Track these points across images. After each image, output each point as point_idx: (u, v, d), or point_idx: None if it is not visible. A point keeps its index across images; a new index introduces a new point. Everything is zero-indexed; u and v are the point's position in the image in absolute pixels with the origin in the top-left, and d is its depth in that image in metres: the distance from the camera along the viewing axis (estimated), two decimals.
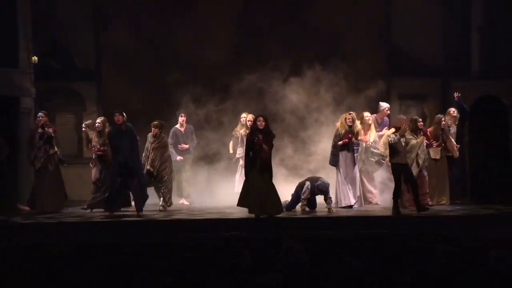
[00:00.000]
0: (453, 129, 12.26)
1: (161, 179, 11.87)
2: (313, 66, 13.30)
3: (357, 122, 11.87)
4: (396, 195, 10.89)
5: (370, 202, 12.28)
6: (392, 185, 11.31)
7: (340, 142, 11.75)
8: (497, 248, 5.94)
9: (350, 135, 11.70)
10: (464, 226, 10.18)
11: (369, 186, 12.37)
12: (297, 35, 14.26)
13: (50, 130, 11.73)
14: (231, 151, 13.00)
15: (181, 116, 13.00)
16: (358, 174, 11.96)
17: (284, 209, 11.29)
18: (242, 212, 11.01)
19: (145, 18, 14.34)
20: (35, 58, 13.44)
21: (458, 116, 12.34)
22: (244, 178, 10.90)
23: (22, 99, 13.32)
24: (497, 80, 13.65)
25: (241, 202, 10.77)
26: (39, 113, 11.95)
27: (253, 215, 10.72)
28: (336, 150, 11.88)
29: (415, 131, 11.55)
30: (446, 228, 9.99)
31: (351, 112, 11.95)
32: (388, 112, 12.74)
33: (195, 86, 13.64)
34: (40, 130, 11.71)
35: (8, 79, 13.12)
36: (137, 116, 12.55)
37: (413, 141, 11.30)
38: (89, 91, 14.39)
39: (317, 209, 11.52)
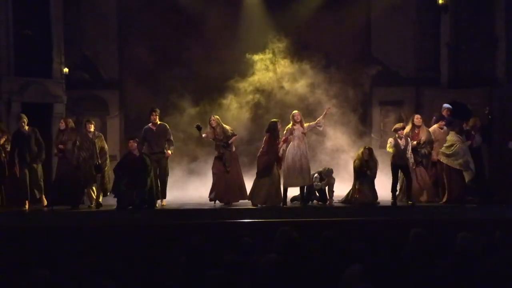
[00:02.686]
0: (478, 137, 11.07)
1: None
2: (308, 74, 13.40)
3: (374, 155, 10.82)
4: (394, 189, 10.66)
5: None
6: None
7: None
8: (465, 231, 5.83)
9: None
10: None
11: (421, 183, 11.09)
12: (291, 52, 14.11)
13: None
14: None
15: (153, 115, 10.87)
16: None
17: (299, 202, 10.87)
18: (242, 204, 10.89)
19: (161, 36, 14.33)
20: (66, 69, 13.46)
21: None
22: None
23: (55, 105, 13.22)
24: (463, 88, 13.72)
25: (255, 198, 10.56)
26: None
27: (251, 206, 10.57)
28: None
29: (461, 133, 10.73)
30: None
31: (369, 147, 10.95)
32: (449, 112, 11.63)
33: (202, 92, 13.70)
34: None
35: (43, 88, 13.10)
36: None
37: (458, 144, 10.59)
38: (112, 98, 14.38)
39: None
